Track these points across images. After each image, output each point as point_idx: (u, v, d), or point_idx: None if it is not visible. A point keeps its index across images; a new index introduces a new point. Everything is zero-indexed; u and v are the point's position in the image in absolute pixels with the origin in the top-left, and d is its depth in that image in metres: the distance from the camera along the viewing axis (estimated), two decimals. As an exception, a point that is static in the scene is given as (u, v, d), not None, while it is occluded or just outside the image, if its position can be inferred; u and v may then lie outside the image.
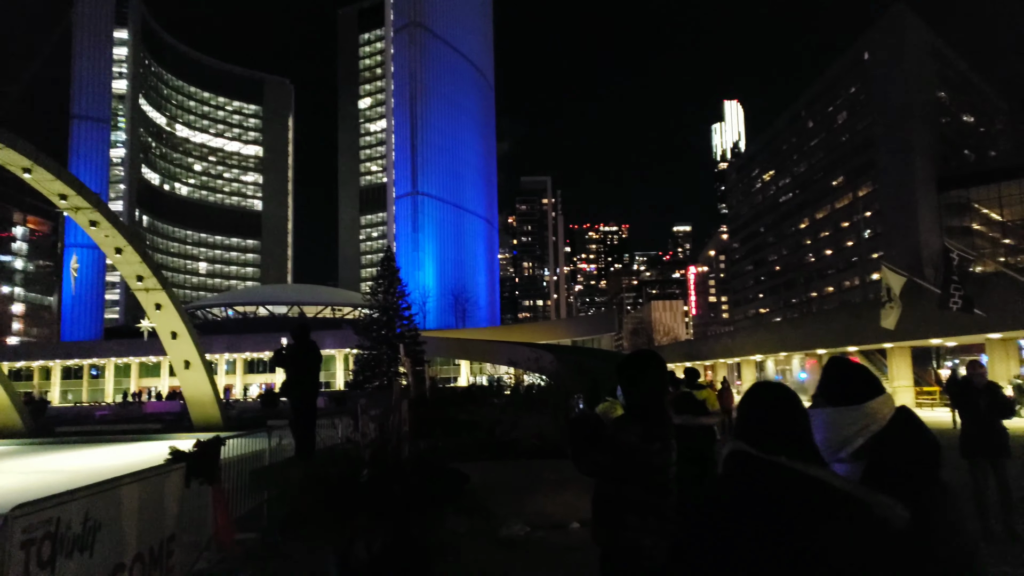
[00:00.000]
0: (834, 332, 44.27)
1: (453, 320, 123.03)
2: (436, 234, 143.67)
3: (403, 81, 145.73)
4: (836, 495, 1.62)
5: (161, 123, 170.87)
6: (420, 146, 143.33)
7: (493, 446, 11.52)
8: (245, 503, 8.80)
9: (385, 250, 64.98)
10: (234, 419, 29.55)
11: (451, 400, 21.07)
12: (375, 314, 57.83)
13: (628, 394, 3.37)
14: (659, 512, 3.18)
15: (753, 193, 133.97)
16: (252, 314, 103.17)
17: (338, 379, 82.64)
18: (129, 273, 26.54)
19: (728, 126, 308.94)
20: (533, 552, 7.42)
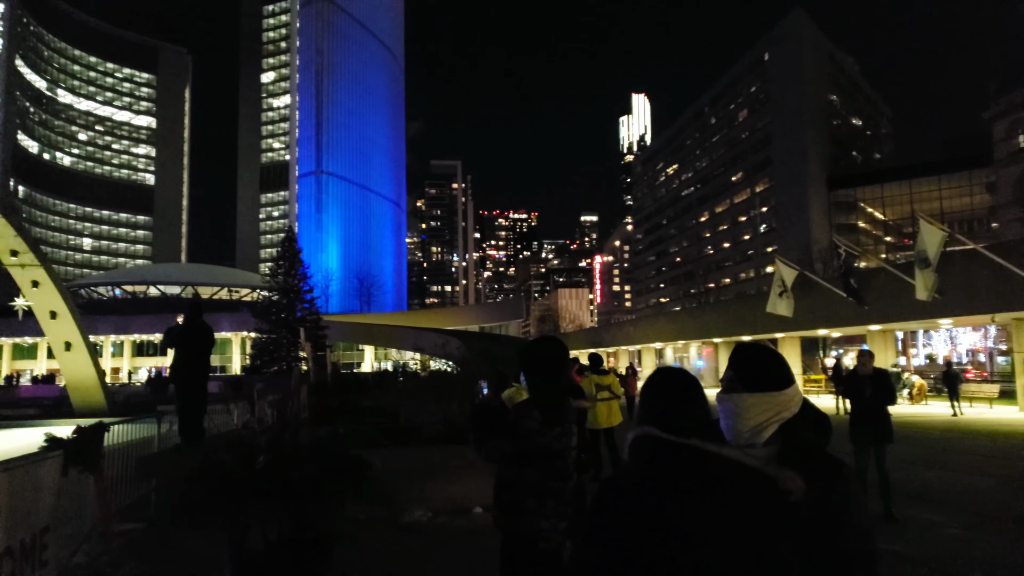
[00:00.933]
0: (729, 321, 46.39)
1: (358, 304, 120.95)
2: (341, 215, 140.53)
3: (309, 56, 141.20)
4: (749, 473, 1.66)
5: (41, 87, 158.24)
6: (326, 124, 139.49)
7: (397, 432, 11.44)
8: (131, 492, 8.36)
9: (287, 230, 63.01)
10: (120, 404, 27.98)
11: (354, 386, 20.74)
12: (275, 297, 56.07)
13: (530, 380, 3.41)
14: (558, 496, 3.24)
15: (657, 186, 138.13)
16: (142, 294, 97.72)
17: (234, 363, 79.70)
18: (2, 247, 24.55)
19: (636, 119, 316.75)
20: (435, 537, 7.42)
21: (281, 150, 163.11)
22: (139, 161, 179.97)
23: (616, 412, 11.73)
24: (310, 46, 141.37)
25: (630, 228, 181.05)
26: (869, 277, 33.97)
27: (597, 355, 12.45)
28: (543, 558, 3.20)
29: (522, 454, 3.24)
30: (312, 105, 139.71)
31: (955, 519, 8.10)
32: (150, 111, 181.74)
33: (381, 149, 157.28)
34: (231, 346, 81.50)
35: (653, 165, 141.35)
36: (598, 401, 11.48)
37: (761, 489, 1.65)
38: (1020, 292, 23.82)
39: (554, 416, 3.27)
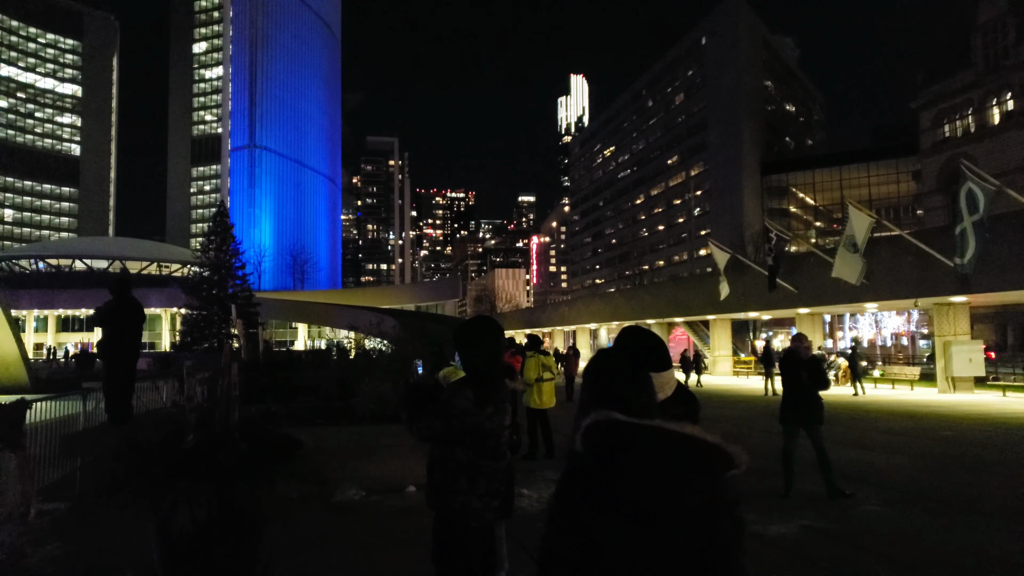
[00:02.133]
0: (663, 303, 47.45)
1: (291, 281, 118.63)
2: (275, 190, 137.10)
3: (242, 27, 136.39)
4: (713, 450, 1.72)
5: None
6: (259, 97, 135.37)
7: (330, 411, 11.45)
8: (54, 471, 8.19)
9: (219, 205, 61.15)
10: (44, 381, 26.91)
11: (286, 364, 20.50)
12: (206, 272, 54.52)
13: (464, 359, 3.45)
14: (491, 476, 3.30)
15: (594, 168, 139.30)
16: (68, 268, 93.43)
17: (164, 340, 77.32)
18: (-91, 218, 23.20)
19: (573, 100, 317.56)
20: (367, 516, 7.52)
21: (213, 123, 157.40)
22: (64, 131, 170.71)
23: (552, 394, 11.96)
24: (243, 17, 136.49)
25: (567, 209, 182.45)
26: (799, 261, 35.12)
27: (536, 336, 12.66)
28: (475, 537, 3.26)
29: (454, 433, 3.27)
30: (245, 78, 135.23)
31: (874, 496, 8.50)
32: (75, 79, 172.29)
33: (317, 124, 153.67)
34: (161, 322, 79.00)
35: (590, 147, 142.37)
36: (543, 382, 11.72)
37: (721, 465, 1.71)
38: (941, 278, 24.75)
39: (487, 396, 3.31)
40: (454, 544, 3.28)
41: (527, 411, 11.74)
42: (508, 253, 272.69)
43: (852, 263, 24.90)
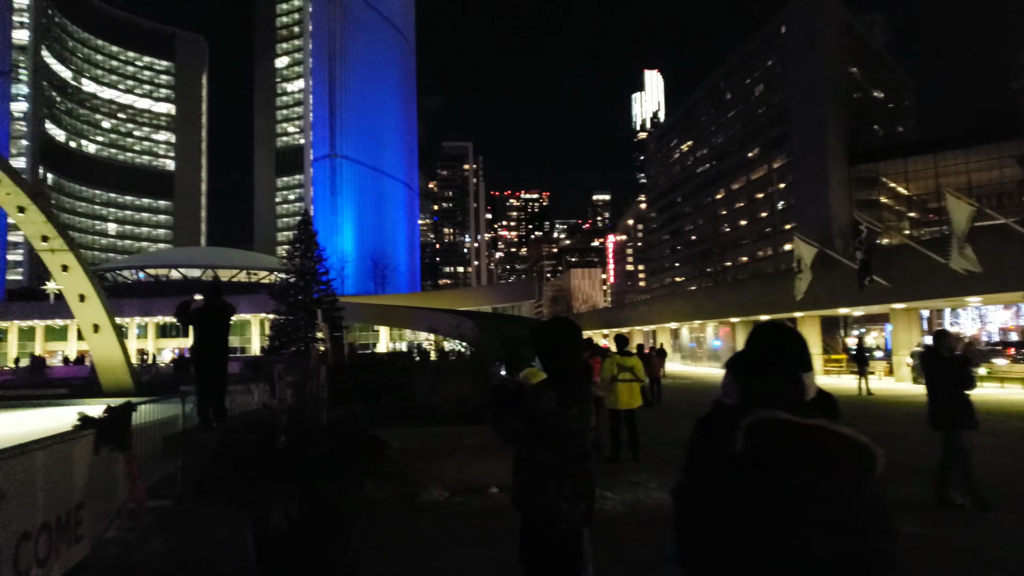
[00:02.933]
0: (747, 301, 46.11)
1: (372, 286, 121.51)
2: (355, 198, 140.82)
3: (321, 40, 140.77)
4: (866, 451, 1.74)
5: (66, 77, 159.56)
6: (339, 107, 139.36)
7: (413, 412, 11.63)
8: (158, 470, 8.63)
9: (302, 213, 63.36)
10: (146, 384, 28.53)
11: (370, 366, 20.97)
12: (292, 279, 56.54)
13: (544, 361, 3.44)
14: (577, 477, 3.26)
15: (671, 163, 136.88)
16: (165, 277, 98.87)
17: (254, 344, 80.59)
18: (33, 233, 25.03)
19: (648, 96, 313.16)
20: (452, 517, 7.58)
21: (296, 134, 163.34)
22: (160, 147, 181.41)
23: (637, 394, 11.80)
24: (322, 30, 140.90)
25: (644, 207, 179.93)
26: (892, 254, 33.38)
27: (623, 336, 12.57)
28: (563, 539, 3.24)
29: (539, 435, 3.26)
30: (325, 89, 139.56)
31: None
32: (169, 98, 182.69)
33: (393, 131, 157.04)
34: (250, 327, 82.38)
35: (667, 142, 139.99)
36: (617, 382, 11.64)
37: (873, 466, 1.74)
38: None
39: (571, 397, 3.28)
40: (542, 546, 3.27)
41: (609, 412, 11.64)
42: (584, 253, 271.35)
43: (963, 254, 23.38)
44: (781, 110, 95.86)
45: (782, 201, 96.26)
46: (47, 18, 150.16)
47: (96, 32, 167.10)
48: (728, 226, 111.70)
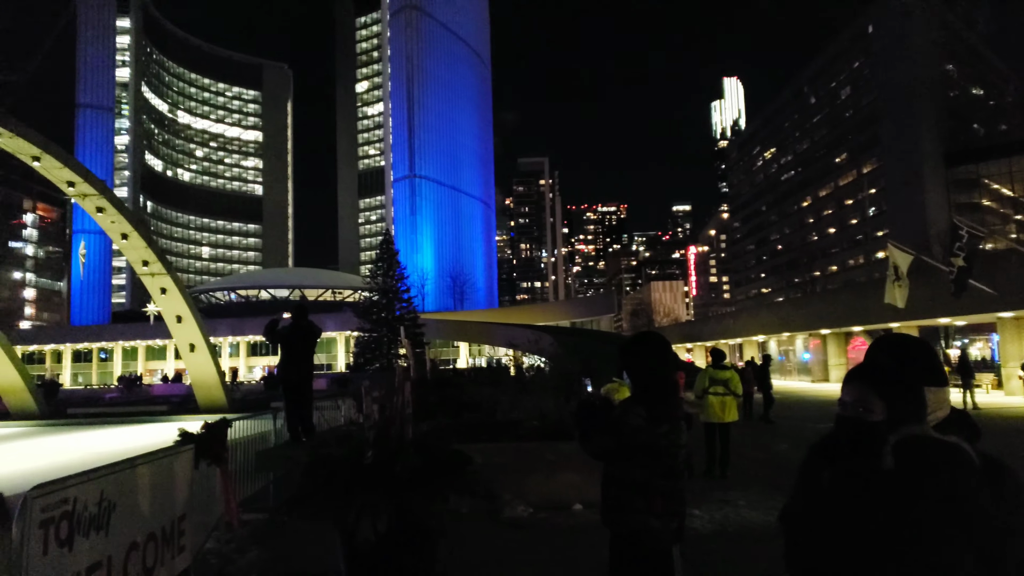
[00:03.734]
0: (839, 312, 44.31)
1: (451, 302, 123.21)
2: (434, 216, 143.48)
3: (399, 64, 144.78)
4: (1004, 469, 1.70)
5: (163, 110, 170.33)
6: (417, 129, 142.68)
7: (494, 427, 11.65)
8: (252, 484, 8.93)
9: (384, 233, 65.08)
10: (239, 401, 29.77)
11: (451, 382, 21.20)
12: (375, 297, 58.06)
13: (633, 376, 3.38)
14: (667, 494, 3.19)
15: (754, 171, 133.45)
16: (254, 297, 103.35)
17: (339, 361, 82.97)
18: (135, 258, 26.69)
19: (728, 103, 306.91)
20: (537, 533, 7.53)
21: (377, 156, 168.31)
22: (248, 173, 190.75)
23: (732, 409, 11.54)
24: (400, 54, 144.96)
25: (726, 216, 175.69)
26: (997, 259, 31.44)
27: (719, 350, 12.34)
28: (652, 557, 3.17)
29: (627, 451, 3.21)
30: (404, 111, 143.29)
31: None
32: (257, 126, 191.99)
33: (470, 150, 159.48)
34: (336, 345, 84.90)
35: (749, 150, 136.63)
36: (709, 395, 11.42)
37: (1016, 484, 1.69)
38: None
39: (661, 413, 3.22)
40: (631, 564, 3.20)
41: (704, 426, 11.42)
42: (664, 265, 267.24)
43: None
44: (870, 113, 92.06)
45: (873, 207, 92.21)
46: (146, 56, 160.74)
47: (190, 66, 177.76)
48: (816, 234, 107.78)
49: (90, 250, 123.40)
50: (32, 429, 25.85)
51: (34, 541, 2.90)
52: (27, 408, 28.50)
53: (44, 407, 29.31)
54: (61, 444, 20.13)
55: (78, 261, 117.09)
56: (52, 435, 23.21)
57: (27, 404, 28.53)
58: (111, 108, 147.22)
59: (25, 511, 2.83)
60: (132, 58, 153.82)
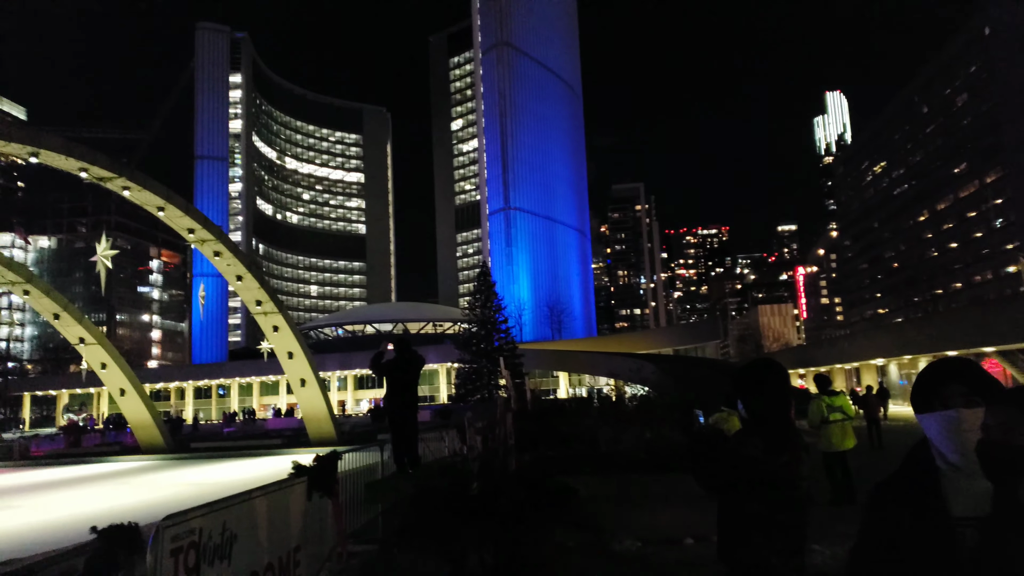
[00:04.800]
0: (966, 331, 41.22)
1: (549, 332, 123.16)
2: (529, 247, 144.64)
3: (492, 100, 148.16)
4: None
5: (272, 157, 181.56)
6: (511, 162, 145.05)
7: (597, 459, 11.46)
8: (361, 516, 9.12)
9: (481, 265, 66.10)
10: (347, 434, 30.72)
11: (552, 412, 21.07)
12: (474, 328, 58.77)
13: (749, 405, 3.23)
14: (787, 529, 3.02)
15: (864, 187, 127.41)
16: (360, 332, 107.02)
17: (442, 393, 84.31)
18: (249, 298, 28.28)
19: (831, 118, 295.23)
20: (647, 568, 7.28)
21: (472, 191, 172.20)
22: (352, 213, 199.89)
23: (850, 434, 11.13)
24: (492, 90, 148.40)
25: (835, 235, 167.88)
26: None
27: (825, 376, 11.90)
28: None
29: (743, 484, 3.07)
30: (497, 146, 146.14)
31: None
32: (358, 167, 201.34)
33: (563, 180, 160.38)
34: (438, 376, 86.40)
35: (857, 165, 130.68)
36: (830, 424, 10.97)
37: None
38: None
39: (779, 443, 3.07)
40: None
41: (823, 455, 10.94)
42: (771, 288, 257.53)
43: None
44: (991, 119, 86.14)
45: (1000, 218, 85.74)
46: (255, 107, 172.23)
47: (295, 114, 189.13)
48: (935, 250, 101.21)
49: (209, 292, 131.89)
50: (160, 462, 27.62)
51: (165, 570, 3.05)
52: (155, 443, 30.50)
53: (170, 441, 31.25)
54: (185, 476, 21.37)
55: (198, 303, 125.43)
56: (177, 468, 24.71)
57: (155, 439, 30.54)
58: (225, 158, 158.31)
59: (157, 540, 2.99)
60: (243, 110, 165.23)
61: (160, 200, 24.06)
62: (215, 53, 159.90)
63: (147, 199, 24.03)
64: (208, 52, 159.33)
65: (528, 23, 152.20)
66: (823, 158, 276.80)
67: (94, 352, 29.82)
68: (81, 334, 29.44)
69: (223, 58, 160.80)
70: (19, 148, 19.92)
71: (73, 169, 21.75)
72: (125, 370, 30.49)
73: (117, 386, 30.30)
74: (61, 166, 21.64)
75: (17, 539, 10.91)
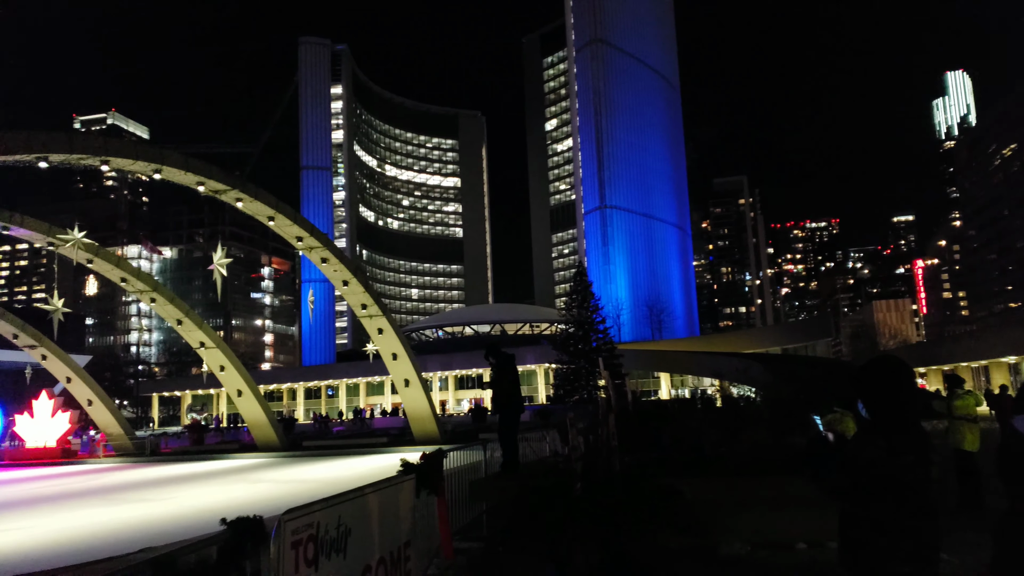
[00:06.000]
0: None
1: (649, 332, 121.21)
2: (626, 246, 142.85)
3: (587, 98, 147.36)
4: None
5: (372, 165, 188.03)
6: (607, 160, 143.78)
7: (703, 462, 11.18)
8: (466, 513, 9.29)
9: (577, 265, 65.86)
10: (450, 432, 31.38)
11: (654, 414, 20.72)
12: (571, 329, 58.62)
13: (869, 405, 3.12)
14: (916, 535, 2.88)
15: (991, 171, 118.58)
16: (459, 334, 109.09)
17: (540, 393, 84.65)
18: (355, 302, 29.43)
19: (952, 99, 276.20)
20: (757, 573, 7.07)
21: (567, 191, 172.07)
22: (449, 217, 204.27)
23: (977, 436, 10.73)
24: (587, 89, 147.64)
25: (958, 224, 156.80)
26: None
27: (955, 375, 11.36)
28: None
29: (866, 487, 2.97)
30: (593, 144, 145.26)
31: None
32: (455, 172, 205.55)
33: (661, 176, 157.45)
34: (536, 377, 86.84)
35: (983, 149, 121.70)
36: (957, 421, 10.72)
37: None
38: None
39: (904, 444, 2.95)
40: None
41: (954, 453, 10.50)
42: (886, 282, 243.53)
43: None
44: None
45: None
46: (356, 117, 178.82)
47: (393, 123, 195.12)
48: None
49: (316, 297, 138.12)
50: (276, 460, 29.13)
51: (287, 560, 3.23)
52: (270, 441, 32.20)
53: (284, 440, 32.91)
54: (299, 473, 22.44)
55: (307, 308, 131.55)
56: (291, 465, 25.99)
57: (270, 437, 32.24)
58: (329, 167, 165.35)
59: (279, 533, 3.18)
60: (345, 120, 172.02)
61: (270, 210, 25.40)
62: (317, 66, 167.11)
63: (258, 209, 25.43)
64: (310, 65, 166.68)
65: (622, 18, 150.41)
66: (943, 143, 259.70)
67: (213, 355, 31.81)
68: (201, 338, 31.48)
69: (325, 71, 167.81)
70: (145, 166, 21.54)
71: (191, 183, 23.29)
72: (241, 372, 32.36)
73: (235, 387, 32.19)
74: (180, 181, 23.21)
75: (153, 529, 11.81)
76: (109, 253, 31.84)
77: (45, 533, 12.51)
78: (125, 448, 35.04)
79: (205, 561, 3.14)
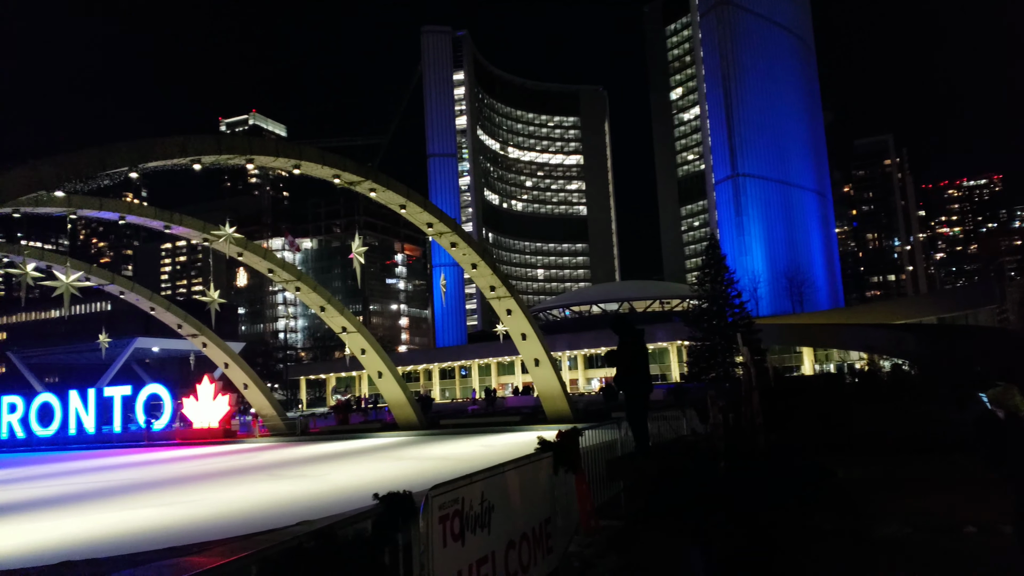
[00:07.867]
0: None
1: (788, 304, 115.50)
2: (761, 215, 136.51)
3: (714, 63, 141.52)
4: None
5: (495, 148, 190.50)
6: (737, 126, 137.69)
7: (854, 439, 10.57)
8: (603, 492, 9.29)
9: (708, 238, 63.70)
10: (581, 411, 31.48)
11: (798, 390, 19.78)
12: (704, 304, 56.82)
13: None
14: None
15: None
16: (587, 313, 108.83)
17: (673, 371, 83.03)
18: (483, 284, 30.08)
19: None
20: (919, 558, 6.57)
21: (695, 161, 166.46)
22: (573, 196, 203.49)
23: None
24: (714, 53, 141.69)
25: None
26: None
27: None
28: None
29: None
30: (721, 110, 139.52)
31: None
32: (577, 150, 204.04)
33: (798, 140, 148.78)
34: (668, 355, 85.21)
35: None
36: None
37: None
38: None
39: None
40: None
41: None
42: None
43: None
44: None
45: None
46: (478, 102, 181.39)
47: (514, 104, 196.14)
48: None
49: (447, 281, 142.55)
50: (416, 438, 30.44)
51: (435, 534, 3.36)
52: (409, 420, 33.65)
53: (423, 419, 34.27)
54: (438, 451, 23.32)
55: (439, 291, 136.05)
56: (430, 443, 27.07)
57: (409, 417, 33.68)
58: (454, 154, 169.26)
59: (428, 508, 3.30)
60: (467, 106, 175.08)
61: (401, 199, 26.36)
62: (439, 54, 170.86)
63: (390, 199, 26.46)
64: (433, 54, 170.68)
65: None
66: None
67: (355, 339, 33.56)
68: (343, 324, 33.29)
69: (447, 58, 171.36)
70: (285, 162, 22.92)
71: (327, 176, 24.55)
72: (381, 355, 33.96)
73: (375, 369, 33.84)
74: (317, 174, 24.52)
75: (310, 502, 12.70)
76: (257, 246, 34.26)
77: (215, 504, 13.79)
78: (278, 428, 37.77)
79: (360, 534, 3.31)
